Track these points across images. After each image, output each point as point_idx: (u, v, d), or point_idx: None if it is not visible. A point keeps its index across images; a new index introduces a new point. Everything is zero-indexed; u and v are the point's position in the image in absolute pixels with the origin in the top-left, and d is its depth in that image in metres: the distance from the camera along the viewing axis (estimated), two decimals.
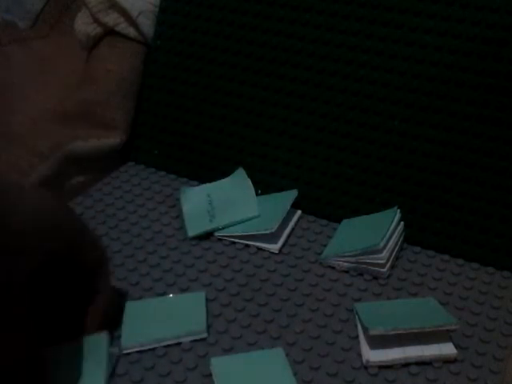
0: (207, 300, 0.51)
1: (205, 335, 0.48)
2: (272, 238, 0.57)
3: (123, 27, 0.68)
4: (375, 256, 0.54)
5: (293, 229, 0.60)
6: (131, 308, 0.50)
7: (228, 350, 0.47)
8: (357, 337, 0.48)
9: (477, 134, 0.56)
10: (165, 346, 0.47)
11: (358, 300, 0.52)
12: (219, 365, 0.45)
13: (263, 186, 0.63)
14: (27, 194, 0.41)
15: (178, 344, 0.48)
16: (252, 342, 0.48)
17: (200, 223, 0.59)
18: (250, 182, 0.62)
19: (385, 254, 0.54)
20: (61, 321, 0.45)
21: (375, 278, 0.54)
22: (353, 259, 0.54)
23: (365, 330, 0.47)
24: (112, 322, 0.48)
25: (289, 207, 0.60)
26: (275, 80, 0.63)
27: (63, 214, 0.44)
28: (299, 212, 0.62)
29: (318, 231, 0.60)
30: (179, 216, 0.61)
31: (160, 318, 0.49)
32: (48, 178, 0.63)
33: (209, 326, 0.49)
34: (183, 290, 0.53)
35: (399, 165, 0.59)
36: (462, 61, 0.56)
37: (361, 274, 0.54)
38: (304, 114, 0.62)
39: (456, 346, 0.47)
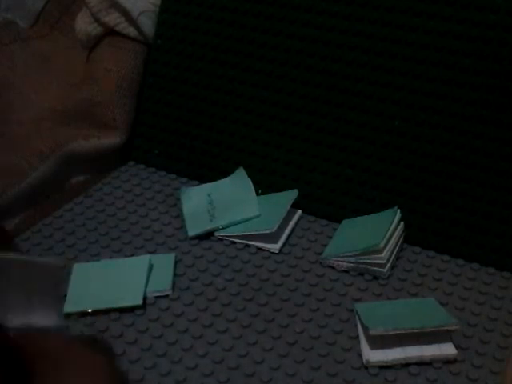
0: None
1: None
2: (272, 237, 0.57)
3: (124, 27, 0.68)
4: (375, 256, 0.54)
5: (293, 229, 0.60)
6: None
7: (228, 350, 0.47)
8: (357, 337, 0.48)
9: (477, 134, 0.56)
10: None
11: (359, 300, 0.52)
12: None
13: (263, 186, 0.63)
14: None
15: None
16: (252, 342, 0.48)
17: (200, 223, 0.59)
18: (250, 182, 0.62)
19: (385, 254, 0.54)
20: None
21: (375, 278, 0.54)
22: (353, 259, 0.54)
23: (365, 330, 0.47)
24: None
25: (289, 207, 0.60)
26: (275, 80, 0.63)
27: None
28: (299, 212, 0.62)
29: (318, 231, 0.60)
30: (179, 216, 0.61)
31: None
32: (48, 177, 0.63)
33: (209, 326, 0.49)
34: (184, 290, 0.53)
35: (399, 165, 0.59)
36: (463, 61, 0.56)
37: (361, 274, 0.54)
38: (304, 114, 0.62)
39: (456, 347, 0.47)
